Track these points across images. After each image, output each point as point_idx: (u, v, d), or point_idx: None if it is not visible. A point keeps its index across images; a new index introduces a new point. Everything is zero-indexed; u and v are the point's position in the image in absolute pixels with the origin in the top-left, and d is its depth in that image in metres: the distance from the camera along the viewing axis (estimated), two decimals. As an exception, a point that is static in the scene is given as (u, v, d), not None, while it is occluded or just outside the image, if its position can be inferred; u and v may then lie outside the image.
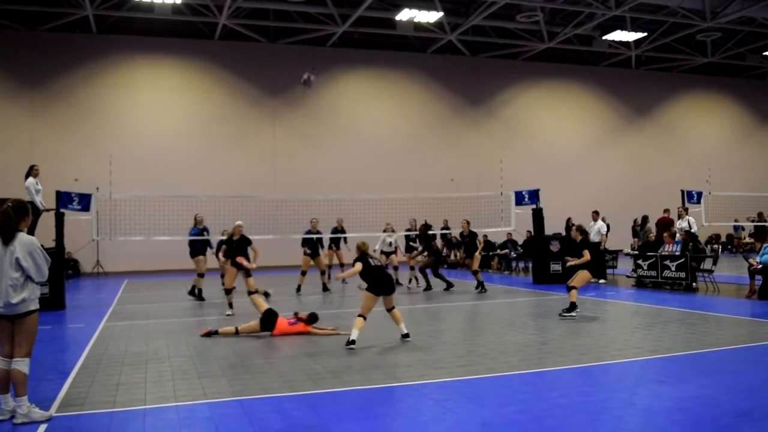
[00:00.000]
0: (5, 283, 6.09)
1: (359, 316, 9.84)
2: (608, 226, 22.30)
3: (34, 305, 6.23)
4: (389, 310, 10.30)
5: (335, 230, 19.67)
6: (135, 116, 29.06)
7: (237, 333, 10.96)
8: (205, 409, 6.45)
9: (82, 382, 7.64)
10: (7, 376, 6.14)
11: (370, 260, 10.21)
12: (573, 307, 12.32)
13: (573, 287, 12.65)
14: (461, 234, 19.23)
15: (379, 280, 10.04)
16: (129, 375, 8.01)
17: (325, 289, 18.26)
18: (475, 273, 17.94)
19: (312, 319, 11.20)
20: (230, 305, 13.91)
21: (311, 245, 18.24)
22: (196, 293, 16.81)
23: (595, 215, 21.19)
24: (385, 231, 19.92)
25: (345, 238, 19.74)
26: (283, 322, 11.04)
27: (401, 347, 9.69)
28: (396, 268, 19.27)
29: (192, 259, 17.24)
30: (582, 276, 12.89)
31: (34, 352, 6.34)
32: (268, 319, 11.01)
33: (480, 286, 17.59)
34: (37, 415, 6.08)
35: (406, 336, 10.07)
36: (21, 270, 6.12)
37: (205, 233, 17.32)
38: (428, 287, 18.09)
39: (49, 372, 8.22)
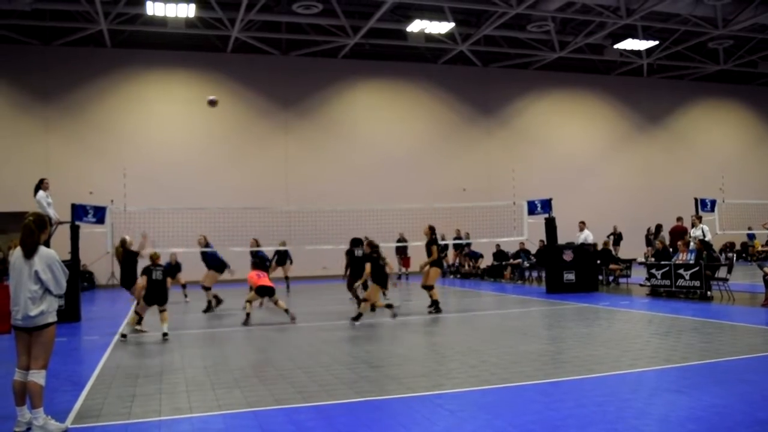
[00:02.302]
0: (24, 296, 6.15)
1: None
2: (620, 235, 22.34)
3: (52, 318, 6.28)
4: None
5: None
6: (149, 129, 29.29)
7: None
8: (219, 421, 6.47)
9: (97, 394, 7.68)
10: (24, 388, 6.18)
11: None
12: (436, 304, 14.28)
13: (430, 286, 14.76)
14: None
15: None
16: (143, 387, 8.05)
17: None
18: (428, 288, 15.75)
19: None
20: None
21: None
22: (211, 303, 16.94)
23: (582, 225, 21.46)
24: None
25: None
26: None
27: (414, 358, 9.69)
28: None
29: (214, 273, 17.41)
30: (433, 273, 14.98)
31: (50, 364, 6.39)
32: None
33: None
34: (52, 427, 6.12)
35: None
36: (40, 283, 6.18)
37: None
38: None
39: (64, 384, 8.27)
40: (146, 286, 12.54)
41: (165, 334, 11.99)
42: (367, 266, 13.96)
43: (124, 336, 12.18)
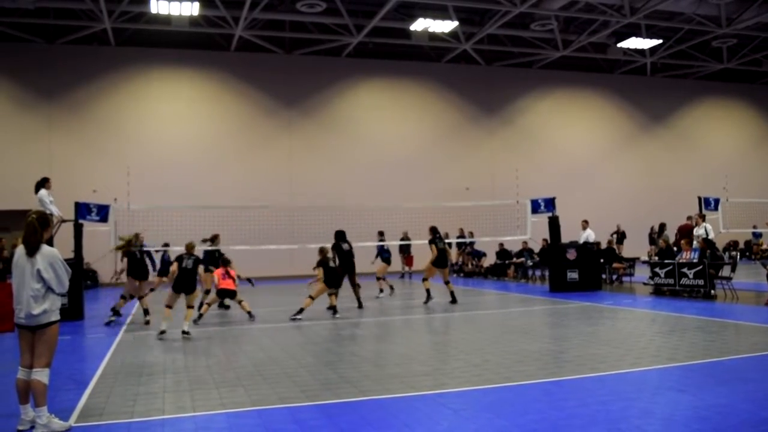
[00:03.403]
0: (27, 294, 6.16)
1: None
2: (624, 234, 22.29)
3: (55, 316, 6.29)
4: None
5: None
6: (152, 127, 29.32)
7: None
8: (222, 420, 6.48)
9: (100, 393, 7.69)
10: (27, 387, 6.20)
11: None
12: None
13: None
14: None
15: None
16: (147, 385, 8.06)
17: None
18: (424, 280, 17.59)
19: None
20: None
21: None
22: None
23: (585, 224, 21.45)
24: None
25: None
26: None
27: (417, 357, 9.69)
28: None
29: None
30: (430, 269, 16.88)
31: (53, 363, 6.40)
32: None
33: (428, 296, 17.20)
34: (56, 426, 6.13)
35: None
36: (42, 281, 6.19)
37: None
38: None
39: (68, 382, 8.28)
40: (176, 273, 12.53)
41: (185, 332, 11.96)
42: (319, 271, 15.02)
43: (162, 332, 12.15)
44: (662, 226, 24.70)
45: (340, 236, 16.65)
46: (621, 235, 27.84)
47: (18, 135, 27.64)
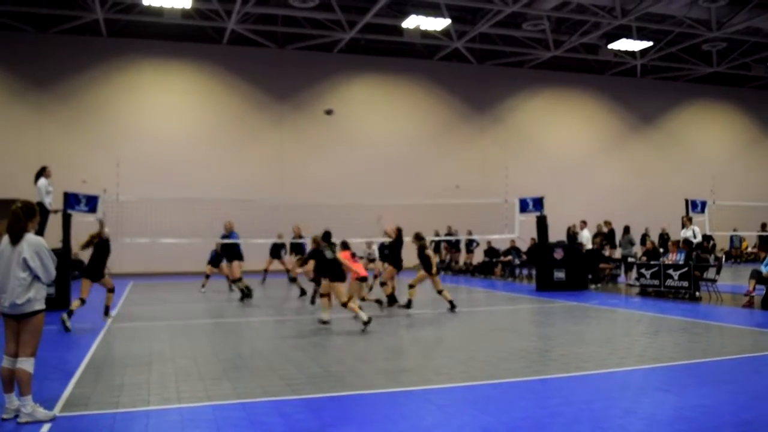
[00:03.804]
0: (12, 283, 6.15)
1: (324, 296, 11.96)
2: (611, 233, 22.34)
3: (40, 305, 6.27)
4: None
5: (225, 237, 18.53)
6: (143, 119, 29.23)
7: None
8: (208, 412, 6.48)
9: (86, 383, 7.68)
10: (12, 375, 6.18)
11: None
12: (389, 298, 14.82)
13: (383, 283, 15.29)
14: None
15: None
16: (133, 376, 8.04)
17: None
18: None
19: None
20: None
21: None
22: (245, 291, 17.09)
23: (583, 224, 21.50)
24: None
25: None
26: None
27: (403, 353, 9.72)
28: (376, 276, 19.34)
29: (228, 264, 17.53)
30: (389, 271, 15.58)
31: (38, 352, 6.38)
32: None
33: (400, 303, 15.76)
34: (40, 415, 6.11)
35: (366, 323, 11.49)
36: (28, 270, 6.17)
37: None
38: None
39: (53, 372, 8.26)
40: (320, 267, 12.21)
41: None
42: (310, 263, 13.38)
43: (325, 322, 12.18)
44: (626, 229, 24.66)
45: (326, 237, 16.70)
46: (606, 236, 27.65)
47: (8, 124, 27.50)
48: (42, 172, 15.72)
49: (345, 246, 14.07)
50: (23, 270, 6.17)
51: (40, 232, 11.06)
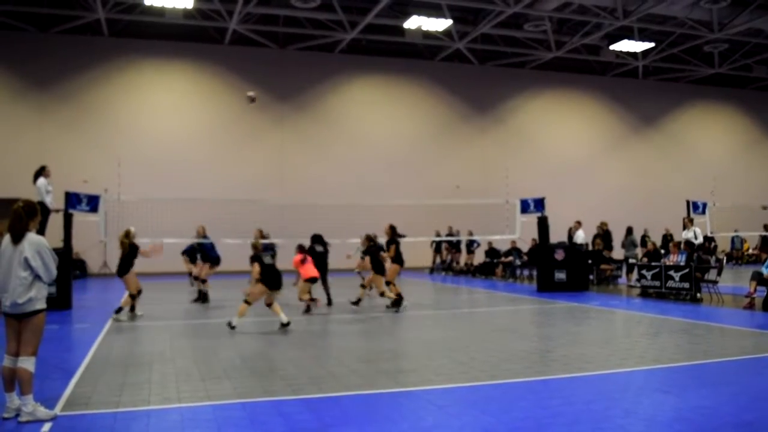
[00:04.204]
0: (14, 282, 6.15)
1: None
2: (608, 233, 22.31)
3: (41, 304, 6.28)
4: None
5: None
6: (144, 119, 29.25)
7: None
8: (208, 411, 6.49)
9: (87, 382, 7.68)
10: (13, 374, 6.19)
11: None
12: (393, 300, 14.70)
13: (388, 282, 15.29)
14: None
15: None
16: (133, 376, 8.05)
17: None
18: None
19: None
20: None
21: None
22: (202, 295, 16.99)
23: (578, 225, 21.53)
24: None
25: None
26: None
27: (404, 354, 9.72)
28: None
29: (202, 264, 17.44)
30: (392, 270, 15.59)
31: (39, 351, 6.39)
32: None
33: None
34: (41, 414, 6.12)
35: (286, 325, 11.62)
36: (30, 269, 6.18)
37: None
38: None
39: (54, 371, 8.26)
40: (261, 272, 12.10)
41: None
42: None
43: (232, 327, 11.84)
44: (629, 230, 24.72)
45: (316, 239, 16.80)
46: (602, 237, 27.40)
47: (9, 124, 27.53)
48: (41, 172, 15.71)
49: (301, 249, 14.81)
50: (24, 269, 6.17)
51: (41, 231, 11.07)
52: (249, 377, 7.99)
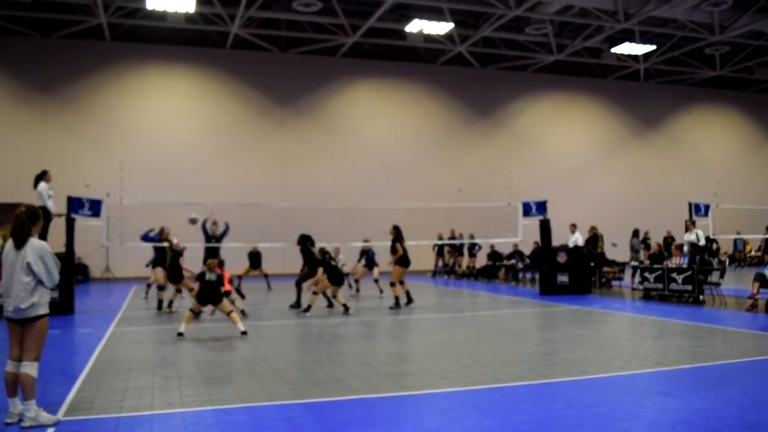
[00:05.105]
0: (16, 288, 6.15)
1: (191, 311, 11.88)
2: (595, 237, 22.33)
3: (44, 310, 6.28)
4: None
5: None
6: (146, 123, 29.28)
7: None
8: (211, 416, 6.49)
9: (89, 387, 7.69)
10: (16, 380, 6.19)
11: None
12: (396, 300, 15.39)
13: (393, 283, 15.88)
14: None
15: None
16: (136, 380, 8.06)
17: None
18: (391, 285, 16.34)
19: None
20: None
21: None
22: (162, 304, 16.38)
23: (573, 228, 21.52)
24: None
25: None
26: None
27: (407, 357, 9.71)
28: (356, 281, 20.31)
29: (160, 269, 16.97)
30: (397, 271, 16.13)
31: (42, 356, 6.39)
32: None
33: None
34: (44, 419, 6.12)
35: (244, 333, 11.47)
36: (32, 274, 6.18)
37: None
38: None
39: (57, 376, 8.27)
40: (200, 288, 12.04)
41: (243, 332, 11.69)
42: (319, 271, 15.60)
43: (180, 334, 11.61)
44: (635, 232, 24.82)
45: (306, 239, 16.83)
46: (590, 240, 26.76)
47: (11, 128, 27.55)
48: (42, 176, 15.64)
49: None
50: (27, 274, 6.18)
51: (42, 236, 11.06)
52: (252, 381, 7.99)
